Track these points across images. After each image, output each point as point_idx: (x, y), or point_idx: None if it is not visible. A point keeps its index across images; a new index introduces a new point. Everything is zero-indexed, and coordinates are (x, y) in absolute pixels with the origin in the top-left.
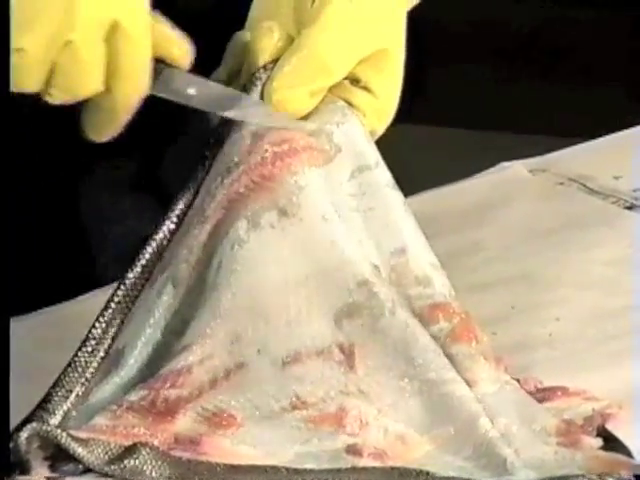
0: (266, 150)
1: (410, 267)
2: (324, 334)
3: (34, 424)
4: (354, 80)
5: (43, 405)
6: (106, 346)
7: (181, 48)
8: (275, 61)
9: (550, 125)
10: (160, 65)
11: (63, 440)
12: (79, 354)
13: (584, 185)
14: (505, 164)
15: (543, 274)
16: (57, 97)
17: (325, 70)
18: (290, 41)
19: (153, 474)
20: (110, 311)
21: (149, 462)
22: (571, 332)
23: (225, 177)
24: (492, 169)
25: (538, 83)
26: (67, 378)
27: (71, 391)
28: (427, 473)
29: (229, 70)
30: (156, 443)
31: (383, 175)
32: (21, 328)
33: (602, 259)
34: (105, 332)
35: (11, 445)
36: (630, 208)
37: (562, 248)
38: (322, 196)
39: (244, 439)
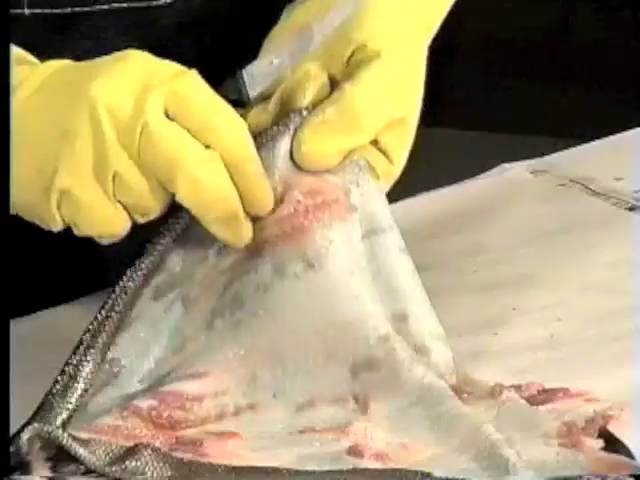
0: (299, 201)
1: (409, 335)
2: (340, 384)
3: (36, 425)
4: (374, 142)
5: (42, 409)
6: (100, 350)
7: None
8: (311, 107)
9: (551, 126)
10: None
11: (65, 441)
12: (72, 357)
13: (586, 186)
14: (506, 165)
15: (544, 275)
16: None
17: (359, 128)
18: (327, 88)
19: (154, 475)
20: (103, 312)
21: (150, 463)
22: (572, 333)
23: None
24: (493, 170)
25: (539, 84)
26: (62, 382)
27: (67, 396)
28: (428, 474)
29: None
30: (157, 444)
31: (395, 239)
32: (22, 330)
33: (603, 260)
34: (94, 337)
35: (13, 446)
36: (632, 209)
37: (563, 249)
38: (347, 250)
39: (245, 448)
